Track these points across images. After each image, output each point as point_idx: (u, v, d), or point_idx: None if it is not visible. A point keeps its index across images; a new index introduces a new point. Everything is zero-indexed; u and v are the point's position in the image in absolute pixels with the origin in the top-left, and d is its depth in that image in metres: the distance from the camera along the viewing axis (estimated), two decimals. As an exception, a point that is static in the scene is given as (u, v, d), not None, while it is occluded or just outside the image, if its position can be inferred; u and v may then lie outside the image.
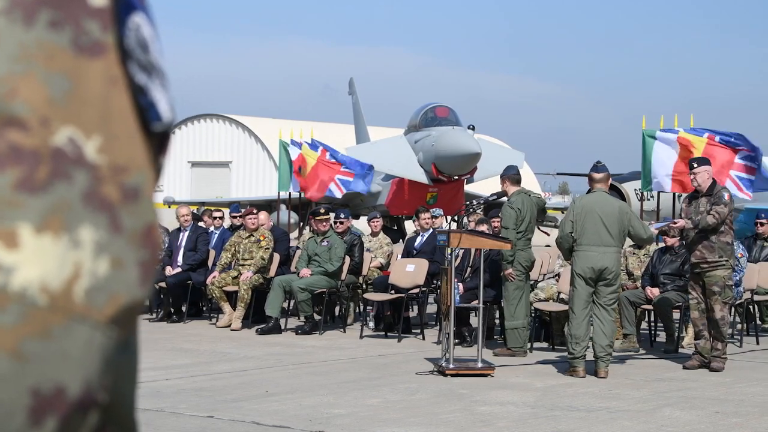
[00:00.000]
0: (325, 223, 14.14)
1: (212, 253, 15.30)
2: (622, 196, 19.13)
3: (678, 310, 12.31)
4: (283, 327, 13.67)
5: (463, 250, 12.45)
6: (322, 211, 14.35)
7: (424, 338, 13.11)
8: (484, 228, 12.85)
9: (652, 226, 11.42)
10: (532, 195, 11.96)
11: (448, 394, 9.10)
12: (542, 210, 12.17)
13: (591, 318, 10.57)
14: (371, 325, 13.91)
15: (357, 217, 17.46)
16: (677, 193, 14.94)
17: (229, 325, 13.98)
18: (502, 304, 12.13)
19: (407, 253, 14.33)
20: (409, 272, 13.43)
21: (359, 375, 10.17)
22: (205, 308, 15.54)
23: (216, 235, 15.86)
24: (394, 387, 9.42)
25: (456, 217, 13.39)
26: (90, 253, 0.71)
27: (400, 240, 21.22)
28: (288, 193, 19.48)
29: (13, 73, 0.70)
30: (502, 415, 8.21)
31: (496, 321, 13.42)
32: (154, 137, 0.78)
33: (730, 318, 11.28)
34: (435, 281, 13.37)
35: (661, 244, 12.77)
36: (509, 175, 11.95)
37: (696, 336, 11.06)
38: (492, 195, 12.11)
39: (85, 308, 0.71)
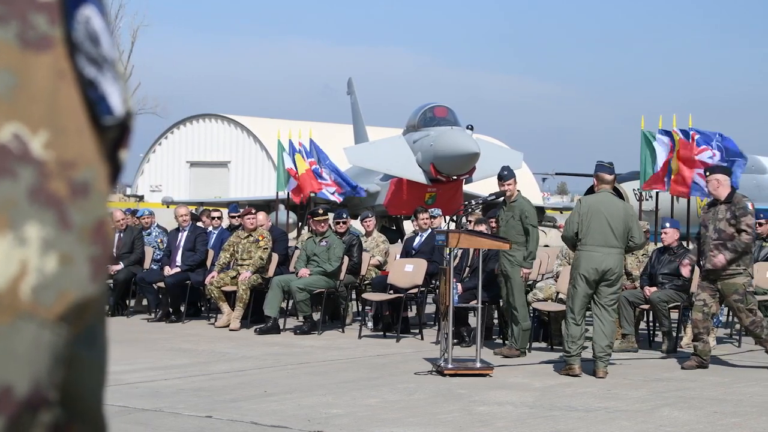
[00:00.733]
0: (323, 224, 14.15)
1: (211, 253, 15.30)
2: (620, 196, 19.13)
3: (676, 310, 12.31)
4: (281, 327, 13.67)
5: (461, 250, 12.45)
6: (321, 212, 14.37)
7: (422, 338, 13.11)
8: (482, 228, 12.85)
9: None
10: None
11: (447, 394, 9.10)
12: (541, 210, 12.16)
13: (588, 317, 10.57)
14: (370, 325, 13.90)
15: (356, 217, 17.45)
16: (675, 196, 14.96)
17: (228, 325, 13.98)
18: (501, 304, 12.12)
19: (406, 253, 14.33)
20: (408, 272, 13.43)
21: (358, 375, 10.17)
22: (203, 308, 15.53)
23: (215, 235, 15.85)
24: (392, 387, 9.41)
25: (455, 217, 13.36)
26: (37, 251, 0.70)
27: (399, 240, 21.22)
28: (286, 193, 19.49)
29: None
30: (501, 415, 8.20)
31: (495, 321, 13.42)
32: (109, 131, 0.77)
33: (762, 316, 11.17)
34: (434, 281, 13.36)
35: (660, 244, 12.76)
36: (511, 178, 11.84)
37: (695, 338, 11.02)
38: (491, 195, 12.10)
39: (32, 306, 0.69)
